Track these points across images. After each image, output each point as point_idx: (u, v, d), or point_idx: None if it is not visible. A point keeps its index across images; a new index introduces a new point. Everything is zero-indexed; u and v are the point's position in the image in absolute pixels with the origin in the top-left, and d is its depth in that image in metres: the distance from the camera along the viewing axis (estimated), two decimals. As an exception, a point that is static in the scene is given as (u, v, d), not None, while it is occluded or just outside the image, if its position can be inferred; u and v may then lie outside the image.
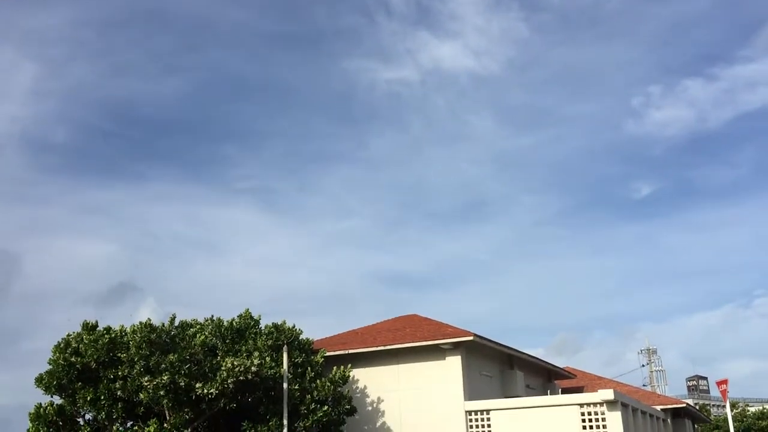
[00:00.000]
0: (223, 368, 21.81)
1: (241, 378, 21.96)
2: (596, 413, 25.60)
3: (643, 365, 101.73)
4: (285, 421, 22.45)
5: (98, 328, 24.43)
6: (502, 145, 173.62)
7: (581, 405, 26.05)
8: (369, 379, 29.07)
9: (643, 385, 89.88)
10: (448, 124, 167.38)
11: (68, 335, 24.05)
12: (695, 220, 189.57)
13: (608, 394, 25.62)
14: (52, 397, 23.73)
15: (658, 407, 37.78)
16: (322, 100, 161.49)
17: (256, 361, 22.13)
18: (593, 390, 33.31)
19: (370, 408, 28.70)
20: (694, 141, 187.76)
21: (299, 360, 25.46)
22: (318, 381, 24.64)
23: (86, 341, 23.24)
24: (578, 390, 38.46)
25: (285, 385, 22.80)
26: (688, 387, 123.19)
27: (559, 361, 41.63)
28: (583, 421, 25.62)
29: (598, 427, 25.38)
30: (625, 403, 27.34)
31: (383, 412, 28.64)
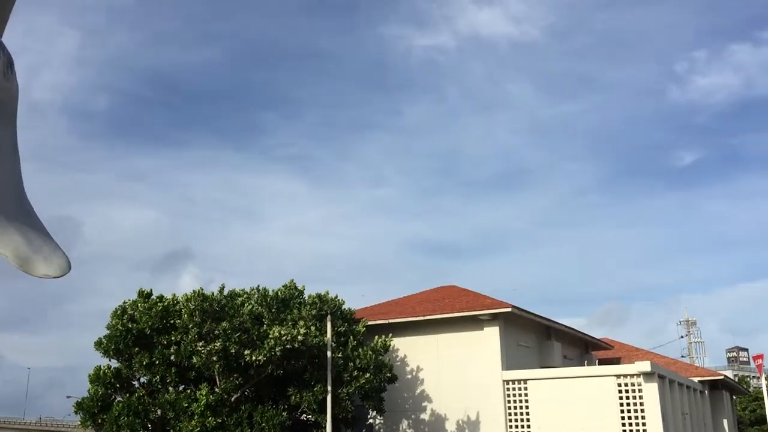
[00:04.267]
0: (270, 337, 22.80)
1: (288, 346, 22.94)
2: (633, 384, 26.07)
3: (681, 336, 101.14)
4: (329, 388, 23.41)
5: (152, 296, 25.63)
6: (541, 113, 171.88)
7: (618, 376, 26.54)
8: (408, 348, 29.92)
9: (682, 357, 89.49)
10: (486, 91, 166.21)
11: (124, 302, 25.30)
12: (739, 189, 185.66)
13: (645, 365, 26.04)
14: (110, 360, 25.10)
15: (696, 379, 38.02)
16: (357, 68, 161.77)
17: (302, 330, 23.08)
18: (630, 361, 33.71)
19: (409, 376, 29.59)
20: (740, 108, 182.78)
21: (342, 329, 26.38)
22: (360, 349, 25.55)
23: (141, 308, 24.44)
24: (615, 361, 38.85)
25: (329, 353, 23.73)
26: (728, 358, 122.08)
27: (601, 331, 42.13)
28: (620, 392, 26.12)
29: (634, 398, 25.87)
30: (662, 374, 27.73)
31: (422, 380, 29.51)
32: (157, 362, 24.22)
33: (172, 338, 24.01)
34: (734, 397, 53.21)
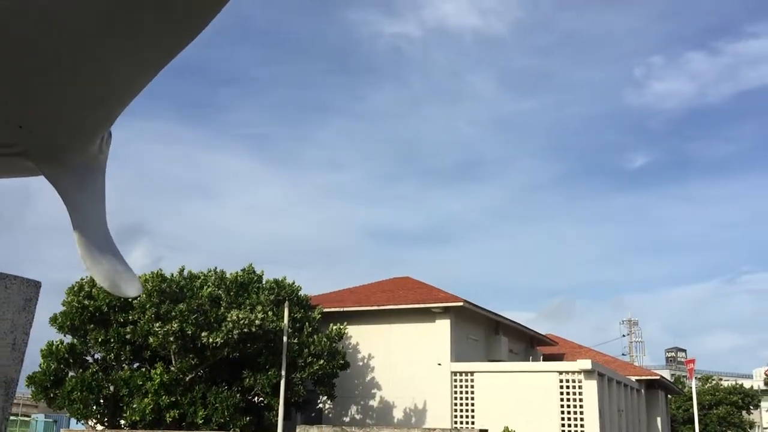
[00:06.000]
0: (228, 320, 23.25)
1: (245, 330, 23.42)
2: (574, 381, 27.31)
3: (624, 335, 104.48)
4: (283, 372, 23.99)
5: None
6: (501, 107, 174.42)
7: (560, 372, 27.76)
8: (361, 336, 30.66)
9: (622, 355, 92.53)
10: (448, 82, 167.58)
11: (81, 279, 25.38)
12: (688, 194, 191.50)
13: (586, 364, 27.28)
14: (65, 336, 25.20)
15: (634, 378, 39.69)
16: (321, 50, 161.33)
17: (260, 315, 23.57)
18: (573, 358, 35.10)
19: (361, 363, 30.35)
20: (693, 115, 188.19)
21: (298, 315, 26.94)
22: (315, 336, 26.16)
23: (99, 286, 24.58)
24: (559, 357, 40.29)
25: (285, 339, 24.29)
26: (667, 358, 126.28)
27: (548, 326, 43.69)
28: (561, 387, 27.33)
29: (574, 393, 27.11)
30: (602, 373, 29.06)
31: (373, 368, 30.31)
32: (112, 340, 24.43)
33: (129, 317, 24.23)
34: (669, 396, 55.47)
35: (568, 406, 27.06)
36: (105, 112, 2.39)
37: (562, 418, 26.92)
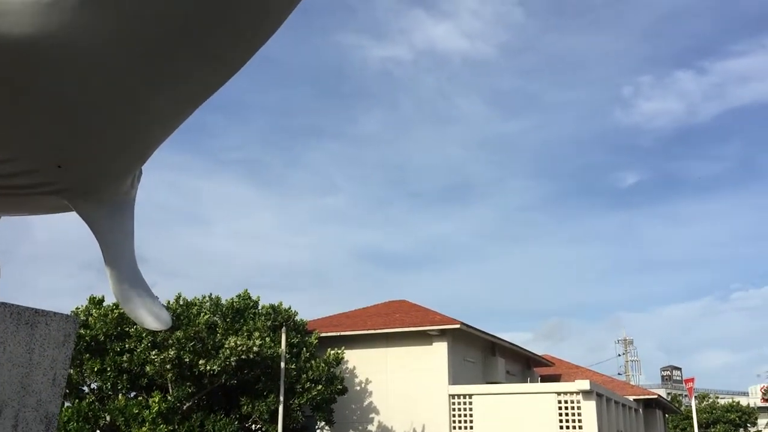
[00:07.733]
0: (226, 347, 23.15)
1: (243, 357, 23.32)
2: (572, 401, 27.27)
3: (619, 355, 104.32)
4: (281, 398, 23.86)
5: (105, 303, 25.65)
6: (490, 128, 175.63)
7: (559, 393, 27.73)
8: (359, 361, 30.56)
9: (618, 374, 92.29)
10: (437, 105, 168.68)
11: (77, 308, 25.25)
12: (677, 212, 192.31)
13: (584, 384, 27.27)
14: (60, 366, 24.99)
15: (631, 397, 39.64)
16: (311, 74, 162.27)
17: (257, 342, 23.49)
18: (570, 378, 35.05)
19: (358, 388, 30.21)
20: (682, 133, 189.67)
21: (295, 340, 26.85)
22: (313, 361, 26.06)
23: (95, 315, 24.47)
24: (555, 378, 40.21)
25: (282, 365, 24.19)
26: (662, 377, 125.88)
27: (544, 346, 43.68)
28: (560, 408, 27.29)
29: (573, 414, 27.06)
30: (600, 393, 29.03)
31: (371, 392, 30.17)
32: (108, 369, 24.25)
33: (126, 346, 24.09)
34: (666, 415, 55.33)
35: (567, 427, 26.99)
36: (140, 151, 2.47)
37: (562, 440, 26.81)
